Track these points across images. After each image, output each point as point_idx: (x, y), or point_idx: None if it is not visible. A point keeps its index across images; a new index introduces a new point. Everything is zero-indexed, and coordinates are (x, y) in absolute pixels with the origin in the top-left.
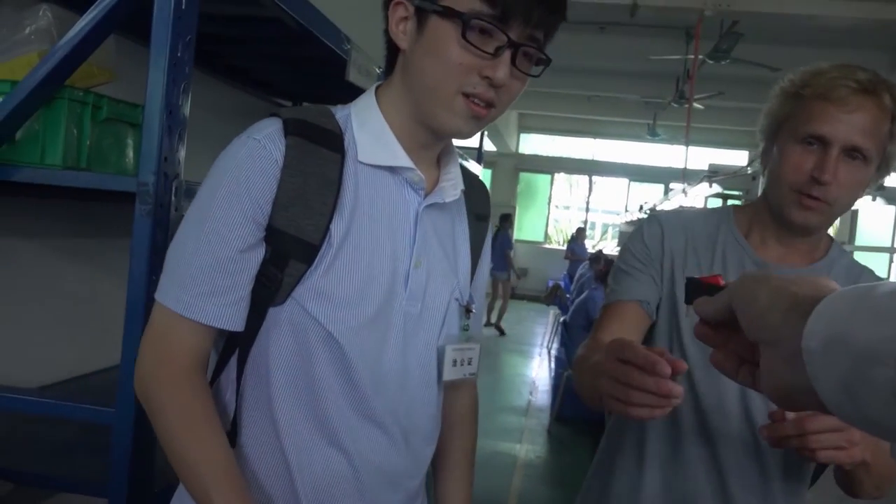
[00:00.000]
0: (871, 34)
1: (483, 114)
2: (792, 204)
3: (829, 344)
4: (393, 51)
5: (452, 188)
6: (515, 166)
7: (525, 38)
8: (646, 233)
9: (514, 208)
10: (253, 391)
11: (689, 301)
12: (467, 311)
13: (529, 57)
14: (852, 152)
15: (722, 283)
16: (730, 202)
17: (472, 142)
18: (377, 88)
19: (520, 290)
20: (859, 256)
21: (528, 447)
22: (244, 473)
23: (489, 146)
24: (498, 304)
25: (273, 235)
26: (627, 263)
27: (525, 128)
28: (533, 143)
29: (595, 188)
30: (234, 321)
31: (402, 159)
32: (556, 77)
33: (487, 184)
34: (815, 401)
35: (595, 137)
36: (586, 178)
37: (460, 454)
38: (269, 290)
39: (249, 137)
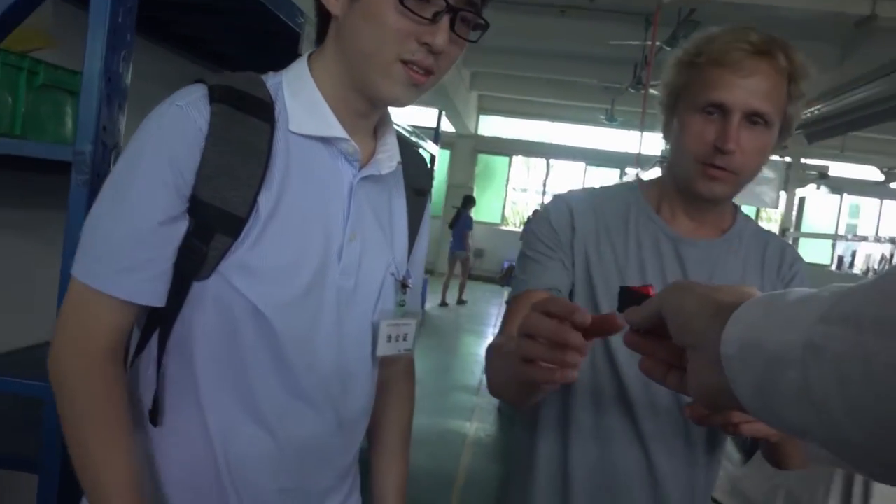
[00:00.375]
0: (823, 26)
1: (422, 81)
2: (697, 176)
3: (745, 348)
4: (324, 17)
5: (388, 160)
6: (474, 148)
7: (463, 3)
8: (553, 215)
9: (472, 189)
10: (176, 368)
11: (620, 310)
12: (403, 286)
13: (467, 22)
14: (753, 117)
15: (652, 293)
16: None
17: (430, 122)
18: (309, 56)
19: (475, 271)
20: (805, 243)
21: (479, 425)
22: (167, 454)
23: (448, 127)
24: (457, 281)
25: (197, 207)
26: (534, 249)
27: (484, 109)
28: (492, 125)
29: (552, 171)
30: (155, 296)
31: (335, 129)
32: (516, 59)
33: (445, 165)
34: (735, 402)
35: (553, 121)
36: (544, 161)
37: (396, 430)
38: (193, 263)
39: (172, 104)
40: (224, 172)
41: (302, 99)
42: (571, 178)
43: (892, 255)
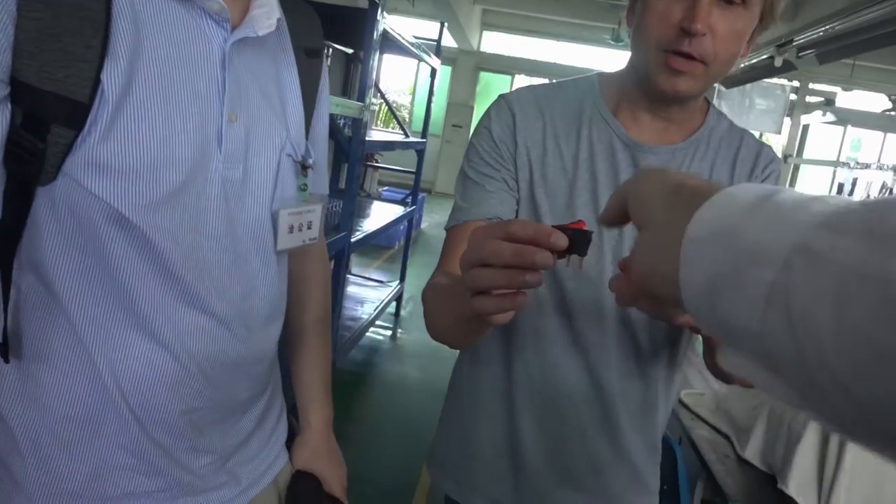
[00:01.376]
0: None
1: None
2: (659, 67)
3: (715, 234)
4: None
5: (266, 17)
6: (476, 65)
7: None
8: (494, 124)
9: (472, 108)
10: (33, 292)
11: (571, 251)
12: (304, 167)
13: None
14: None
15: (584, 226)
16: None
17: (432, 34)
18: None
19: None
20: (804, 171)
21: None
22: (49, 390)
23: (449, 42)
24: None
25: (21, 93)
26: (475, 169)
27: (488, 25)
28: (495, 43)
29: None
30: None
31: None
32: None
33: (446, 82)
34: (673, 293)
35: (558, 40)
36: (546, 81)
37: (312, 326)
38: (31, 165)
39: None
40: (50, 45)
41: None
42: None
43: (893, 185)
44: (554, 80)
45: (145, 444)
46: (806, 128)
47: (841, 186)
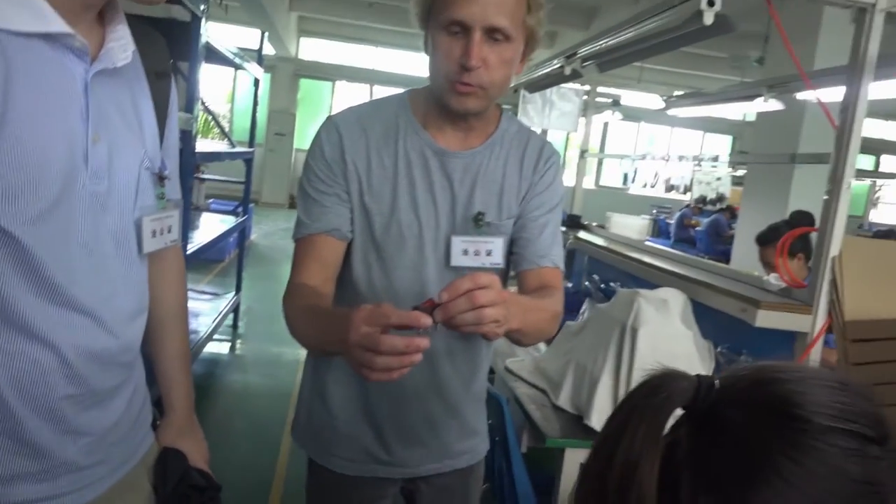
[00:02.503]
0: None
1: None
2: (449, 92)
3: None
4: None
5: (122, 50)
6: (295, 72)
7: None
8: (325, 145)
9: (294, 116)
10: None
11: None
12: (161, 178)
13: None
14: (493, 33)
15: (436, 301)
16: None
17: (253, 44)
18: None
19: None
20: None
21: None
22: None
23: (267, 48)
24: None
25: None
26: (313, 186)
27: (305, 32)
28: (314, 49)
29: (376, 97)
30: None
31: (54, 23)
32: None
33: (266, 89)
34: None
35: (377, 46)
36: (367, 87)
37: (172, 313)
38: None
39: None
40: None
41: None
42: None
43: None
44: (372, 99)
45: (28, 429)
46: (606, 126)
47: (626, 176)
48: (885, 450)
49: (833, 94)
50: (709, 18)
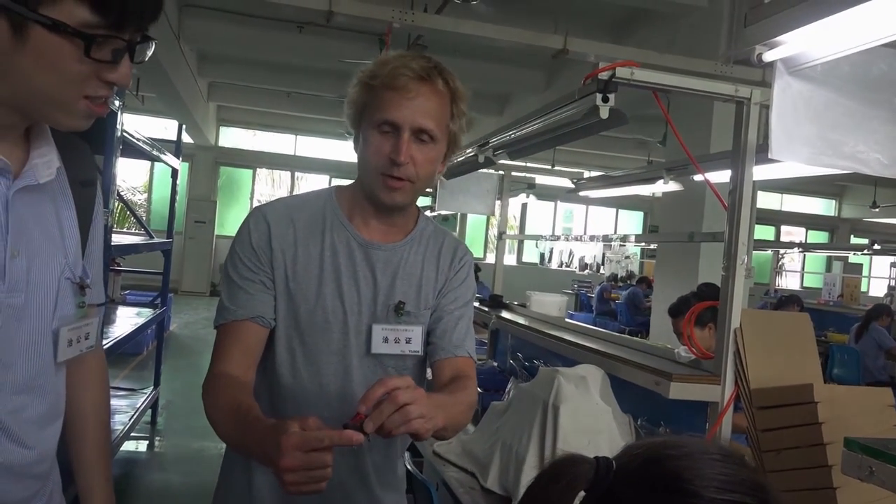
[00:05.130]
0: (530, 56)
1: (103, 110)
2: (379, 186)
3: None
4: None
5: (46, 167)
6: (215, 160)
7: (137, 36)
8: (253, 234)
9: (215, 203)
10: None
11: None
12: (81, 287)
13: (142, 46)
14: (420, 134)
15: (363, 415)
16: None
17: (171, 135)
18: None
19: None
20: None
21: None
22: None
23: (185, 137)
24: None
25: None
26: (238, 273)
27: (224, 121)
28: (233, 137)
29: (299, 184)
30: None
31: None
32: (255, 72)
33: (185, 177)
34: None
35: (297, 134)
36: (288, 173)
37: (92, 418)
38: None
39: None
40: None
41: None
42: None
43: (570, 252)
44: (298, 193)
45: None
46: (525, 206)
47: (542, 256)
48: None
49: (724, 176)
50: (604, 113)
